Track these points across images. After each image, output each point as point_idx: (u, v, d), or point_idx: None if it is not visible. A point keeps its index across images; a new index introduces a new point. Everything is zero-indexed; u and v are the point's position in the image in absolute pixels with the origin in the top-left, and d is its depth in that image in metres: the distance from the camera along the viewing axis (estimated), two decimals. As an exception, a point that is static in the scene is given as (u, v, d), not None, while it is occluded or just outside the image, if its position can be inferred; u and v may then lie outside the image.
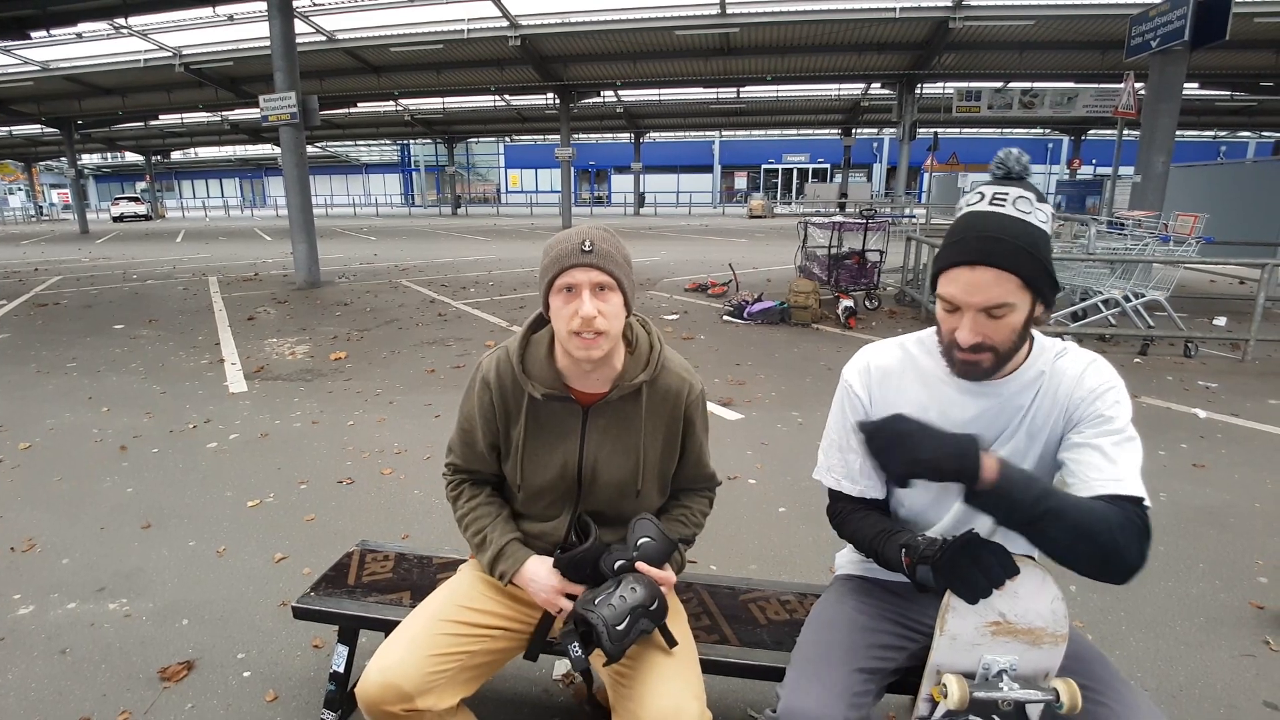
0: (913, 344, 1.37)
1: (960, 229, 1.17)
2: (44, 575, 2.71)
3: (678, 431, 1.46)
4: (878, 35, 18.42)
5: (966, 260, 1.14)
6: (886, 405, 1.32)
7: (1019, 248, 1.12)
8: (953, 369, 1.24)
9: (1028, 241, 1.12)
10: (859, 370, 1.38)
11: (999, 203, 1.15)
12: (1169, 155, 9.32)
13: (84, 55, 21.03)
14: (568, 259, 1.29)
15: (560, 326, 1.32)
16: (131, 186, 50.09)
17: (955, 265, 1.15)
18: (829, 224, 8.76)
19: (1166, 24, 8.78)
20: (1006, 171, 1.18)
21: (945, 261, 1.18)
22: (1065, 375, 1.24)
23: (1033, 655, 1.14)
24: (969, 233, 1.15)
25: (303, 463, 3.82)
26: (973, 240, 1.14)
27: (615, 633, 1.22)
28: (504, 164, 51.04)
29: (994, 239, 1.12)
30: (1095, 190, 20.28)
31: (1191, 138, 36.46)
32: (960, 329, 1.17)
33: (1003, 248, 1.12)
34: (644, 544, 1.33)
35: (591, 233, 1.32)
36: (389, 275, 12.17)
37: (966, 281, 1.14)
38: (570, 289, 1.29)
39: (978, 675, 1.15)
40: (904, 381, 1.34)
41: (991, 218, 1.14)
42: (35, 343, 6.97)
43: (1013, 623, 1.14)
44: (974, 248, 1.13)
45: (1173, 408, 4.68)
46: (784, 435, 4.18)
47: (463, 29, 18.60)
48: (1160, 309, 6.44)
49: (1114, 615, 2.43)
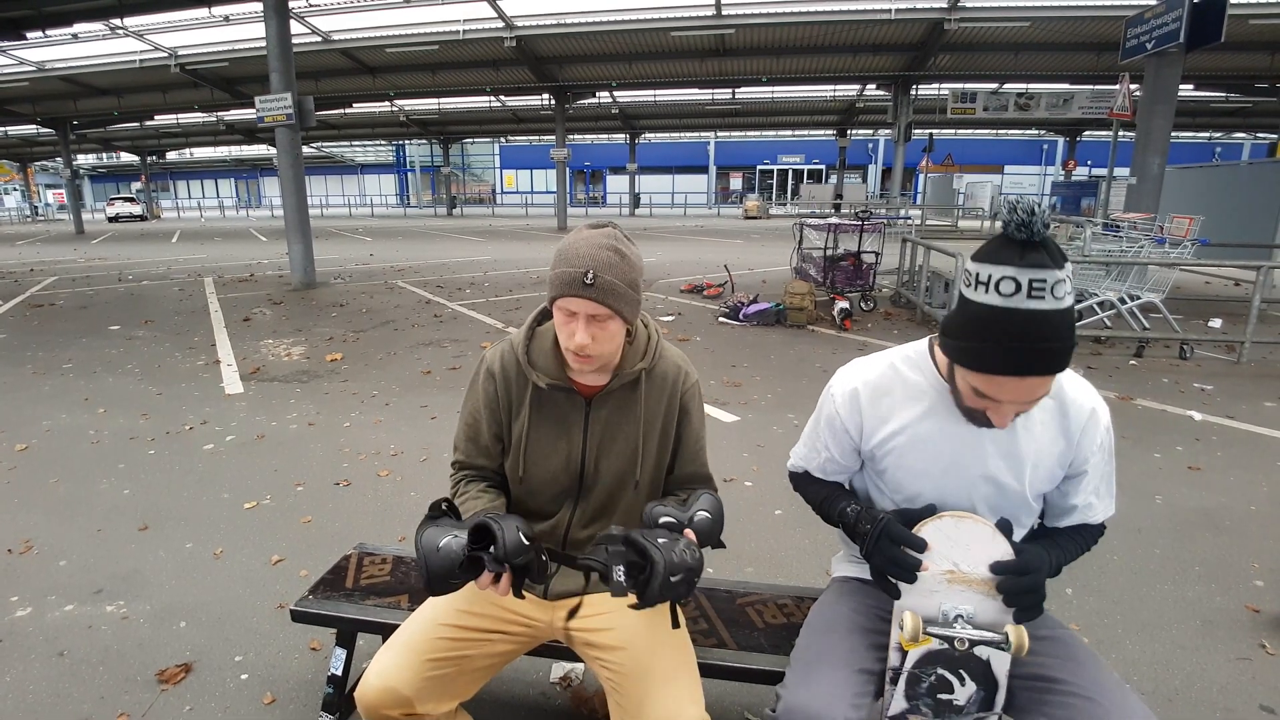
0: (902, 360, 1.35)
1: (1000, 330, 1.04)
2: (41, 577, 2.71)
3: (674, 420, 1.48)
4: (873, 37, 18.46)
5: (1017, 373, 1.05)
6: (877, 420, 1.34)
7: (1069, 349, 1.04)
8: (968, 419, 1.23)
9: (1072, 336, 1.04)
10: (845, 394, 1.37)
11: (1038, 294, 1.01)
12: (1164, 157, 9.36)
13: (80, 55, 20.95)
14: (568, 288, 1.28)
15: (561, 337, 1.35)
16: (127, 187, 49.84)
17: (1001, 373, 1.06)
18: (825, 225, 8.77)
19: (1162, 26, 8.82)
20: (1029, 235, 1.02)
21: (990, 368, 1.07)
22: (1074, 409, 1.26)
23: (989, 606, 1.20)
24: (1016, 342, 1.03)
25: (299, 464, 3.81)
26: (1024, 353, 1.03)
27: (668, 582, 1.14)
28: (499, 164, 50.99)
29: (1046, 349, 1.03)
30: (1091, 192, 20.35)
31: (1187, 139, 36.57)
32: (995, 414, 1.15)
33: (1056, 356, 1.04)
34: (700, 519, 1.28)
35: (599, 258, 1.27)
36: (384, 276, 12.16)
37: (1015, 388, 1.07)
38: (570, 313, 1.31)
39: (938, 620, 1.22)
40: (897, 401, 1.33)
41: (1038, 320, 1.02)
42: (31, 344, 6.95)
43: (966, 573, 1.20)
44: (1028, 362, 1.04)
45: (1168, 410, 4.69)
46: (780, 437, 4.19)
47: (458, 30, 18.60)
48: (1155, 311, 6.47)
49: (1110, 618, 2.44)
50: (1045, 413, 1.26)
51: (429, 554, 1.17)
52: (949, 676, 1.20)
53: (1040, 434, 1.26)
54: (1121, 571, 2.73)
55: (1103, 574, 2.70)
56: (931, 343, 1.32)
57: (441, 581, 1.17)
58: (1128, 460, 3.73)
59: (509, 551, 1.17)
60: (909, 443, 1.31)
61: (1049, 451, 1.27)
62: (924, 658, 1.20)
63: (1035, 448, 1.26)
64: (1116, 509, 1.37)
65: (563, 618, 1.48)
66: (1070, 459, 1.28)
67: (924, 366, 1.31)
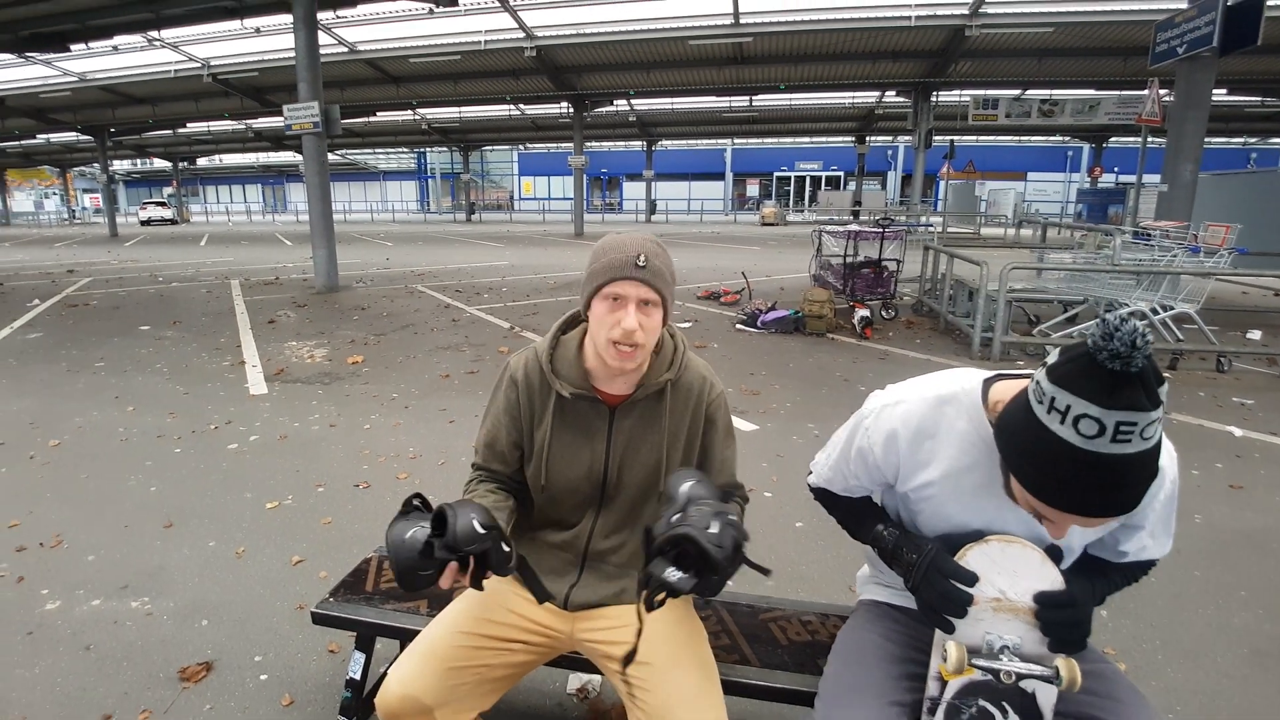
0: (948, 400, 1.21)
1: (1072, 471, 0.89)
2: (70, 571, 2.75)
3: (698, 431, 1.46)
4: (892, 43, 18.35)
5: (1085, 513, 0.92)
6: (916, 467, 1.24)
7: (1146, 487, 0.90)
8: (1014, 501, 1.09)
9: (1155, 468, 0.90)
10: (884, 436, 1.25)
11: (1124, 438, 0.85)
12: (1197, 163, 9.16)
13: (119, 66, 21.52)
14: (621, 270, 1.29)
15: (600, 333, 1.33)
16: (159, 191, 50.85)
17: (1072, 513, 0.94)
18: (844, 232, 8.71)
19: (1194, 30, 8.64)
20: (1125, 365, 0.83)
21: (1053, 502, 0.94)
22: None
23: (1037, 637, 1.14)
24: (1092, 491, 0.89)
25: (320, 465, 3.85)
26: (1101, 501, 0.90)
27: (710, 535, 1.09)
28: (518, 171, 51.33)
29: (1122, 496, 0.89)
30: (1118, 199, 20.07)
31: (1220, 144, 35.86)
32: (1053, 528, 1.02)
33: (1132, 498, 0.90)
34: (689, 489, 1.20)
35: (646, 246, 1.31)
36: (405, 280, 12.26)
37: (1084, 523, 0.95)
38: (617, 299, 1.30)
39: (982, 650, 1.15)
40: (940, 445, 1.21)
41: (1119, 466, 0.87)
42: (66, 342, 7.10)
43: (1013, 601, 1.14)
44: (1097, 505, 0.90)
45: (1205, 425, 4.55)
46: (800, 447, 4.14)
47: (480, 40, 18.80)
48: (1190, 322, 6.31)
49: (1149, 644, 2.34)
50: None
51: (395, 547, 1.15)
52: (991, 709, 1.14)
53: None
54: (1160, 595, 2.61)
55: (1139, 597, 2.58)
56: (986, 386, 1.19)
57: (410, 574, 1.15)
58: (1157, 473, 3.63)
59: (458, 538, 1.13)
60: (949, 494, 1.22)
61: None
62: (965, 688, 1.15)
63: None
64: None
65: (582, 628, 1.47)
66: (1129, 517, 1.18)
67: (974, 415, 1.18)
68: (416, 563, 1.14)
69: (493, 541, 1.17)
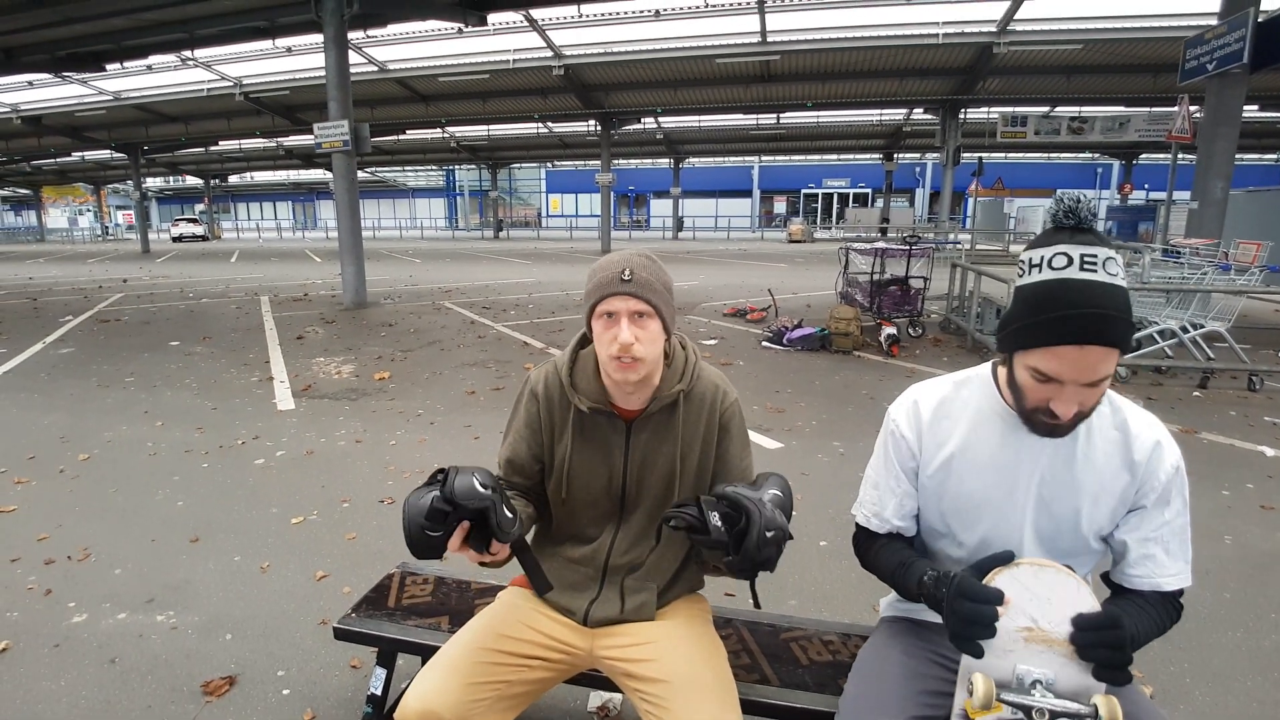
0: (963, 382, 1.31)
1: (1056, 300, 1.07)
2: (97, 585, 2.79)
3: (713, 439, 1.47)
4: (920, 61, 18.33)
5: (1076, 340, 1.05)
6: (936, 443, 1.29)
7: (1127, 323, 1.06)
8: (1032, 429, 1.18)
9: (1129, 313, 1.07)
10: (906, 409, 1.33)
11: (1090, 267, 1.06)
12: (1228, 180, 9.00)
13: (153, 85, 22.21)
14: (609, 287, 1.33)
15: (601, 351, 1.36)
16: (191, 208, 52.18)
17: (1060, 344, 1.06)
18: (871, 250, 8.66)
19: (1224, 46, 8.54)
20: (1077, 221, 1.09)
21: (1049, 338, 1.07)
22: (1139, 441, 1.20)
23: (1071, 671, 1.06)
24: (1073, 309, 1.05)
25: (346, 481, 3.88)
26: (1081, 319, 1.05)
27: (764, 536, 1.12)
28: (545, 189, 51.87)
29: (1102, 315, 1.04)
30: (1148, 216, 19.74)
31: (1252, 161, 35.23)
32: (1058, 402, 1.10)
33: (1114, 326, 1.04)
34: (774, 496, 1.23)
35: (632, 260, 1.35)
36: (432, 297, 12.41)
37: (1076, 361, 1.06)
38: (610, 315, 1.33)
39: (1011, 684, 1.08)
40: (955, 420, 1.29)
41: (1093, 289, 1.05)
42: (97, 357, 7.26)
43: (1046, 630, 1.07)
44: (1085, 327, 1.04)
45: (1236, 445, 4.47)
46: (825, 466, 4.11)
47: (509, 59, 19.10)
48: (1221, 340, 6.18)
49: (1177, 666, 2.31)
50: (1109, 444, 1.21)
51: (408, 509, 1.18)
52: None
53: (1103, 465, 1.20)
54: (1188, 616, 2.54)
55: (1168, 617, 2.55)
56: (995, 366, 1.28)
57: (418, 535, 1.16)
58: (1193, 497, 3.50)
59: (456, 493, 1.14)
60: (966, 467, 1.26)
61: (1111, 488, 1.20)
62: None
63: (1096, 479, 1.20)
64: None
65: (602, 645, 1.46)
66: (1134, 492, 1.21)
67: (986, 389, 1.27)
68: (423, 523, 1.15)
69: (492, 502, 1.18)
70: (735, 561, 1.14)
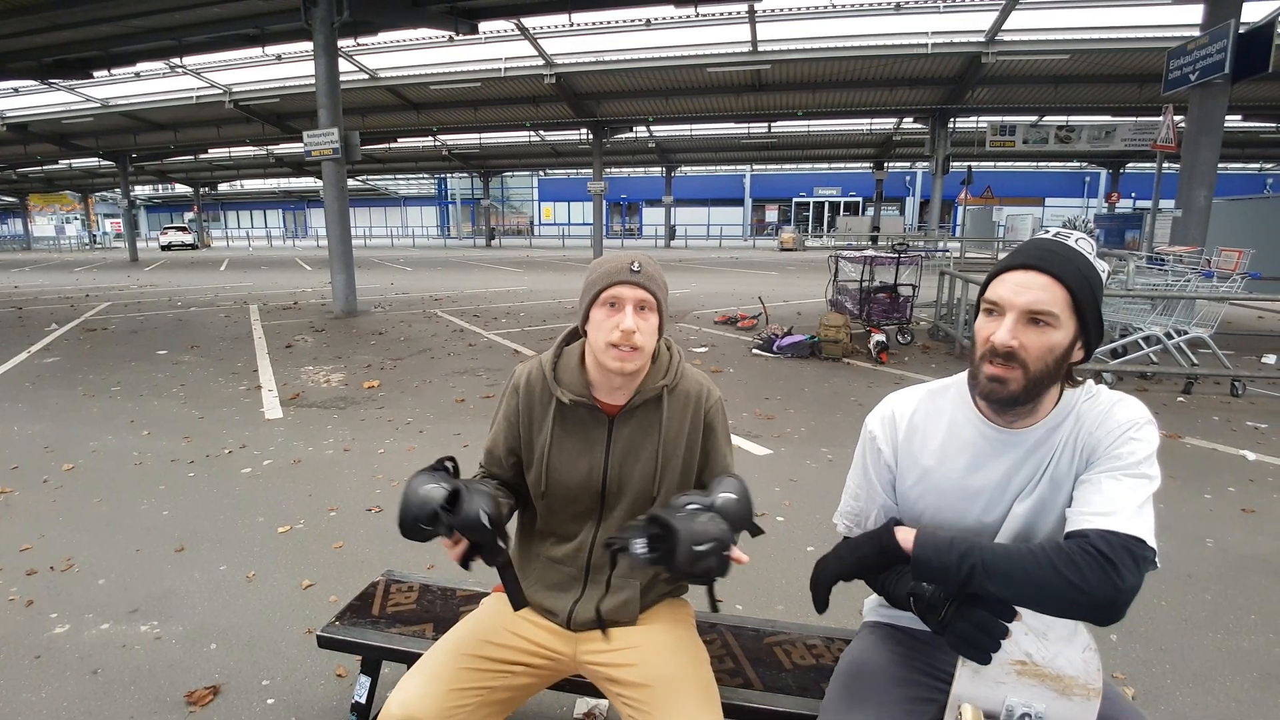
0: (938, 391, 1.33)
1: (1021, 245, 1.20)
2: (80, 595, 2.77)
3: (698, 438, 1.49)
4: (910, 71, 18.50)
5: (1020, 264, 1.14)
6: (911, 456, 1.30)
7: (1076, 268, 1.13)
8: (978, 390, 1.20)
9: (1085, 266, 1.14)
10: (882, 419, 1.35)
11: (1063, 236, 1.18)
12: (1211, 189, 9.12)
13: (141, 93, 22.10)
14: (617, 275, 1.37)
15: (599, 338, 1.38)
16: (180, 217, 51.79)
17: (1008, 269, 1.16)
18: (861, 258, 8.72)
19: (1206, 57, 8.66)
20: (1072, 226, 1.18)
21: (999, 267, 1.19)
22: (1088, 417, 1.19)
23: (1062, 707, 1.07)
24: (1029, 245, 1.18)
25: (333, 490, 3.86)
26: (1030, 248, 1.16)
27: (692, 551, 1.12)
28: (537, 197, 51.92)
29: (1054, 252, 1.14)
30: (1135, 224, 19.91)
31: (1235, 170, 35.69)
32: (999, 331, 1.14)
33: (1059, 260, 1.13)
34: (725, 500, 1.22)
35: (640, 256, 1.41)
36: (423, 305, 12.39)
37: (1017, 282, 1.14)
38: (614, 304, 1.37)
39: (1000, 716, 1.09)
40: (929, 433, 1.30)
41: (1054, 241, 1.17)
42: (83, 366, 7.21)
43: (1039, 665, 1.07)
44: (1031, 253, 1.15)
45: (1219, 449, 4.52)
46: (813, 472, 4.12)
47: (500, 68, 19.15)
48: (1205, 347, 6.26)
49: (1158, 667, 2.33)
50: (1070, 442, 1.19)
51: (408, 497, 1.24)
52: None
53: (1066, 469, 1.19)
54: (1170, 618, 2.60)
55: (1150, 620, 2.58)
56: (972, 374, 1.25)
57: (412, 528, 1.23)
58: (1176, 501, 3.59)
59: (462, 524, 1.21)
60: (943, 481, 1.27)
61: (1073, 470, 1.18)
62: None
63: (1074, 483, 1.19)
64: (1162, 552, 1.10)
65: (585, 650, 1.47)
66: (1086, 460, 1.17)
67: (961, 399, 1.29)
68: (423, 521, 1.23)
69: (490, 537, 1.24)
70: (672, 578, 1.17)
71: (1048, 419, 1.21)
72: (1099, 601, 1.01)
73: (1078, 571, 1.02)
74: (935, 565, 1.10)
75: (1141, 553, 1.04)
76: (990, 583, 1.06)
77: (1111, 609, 1.02)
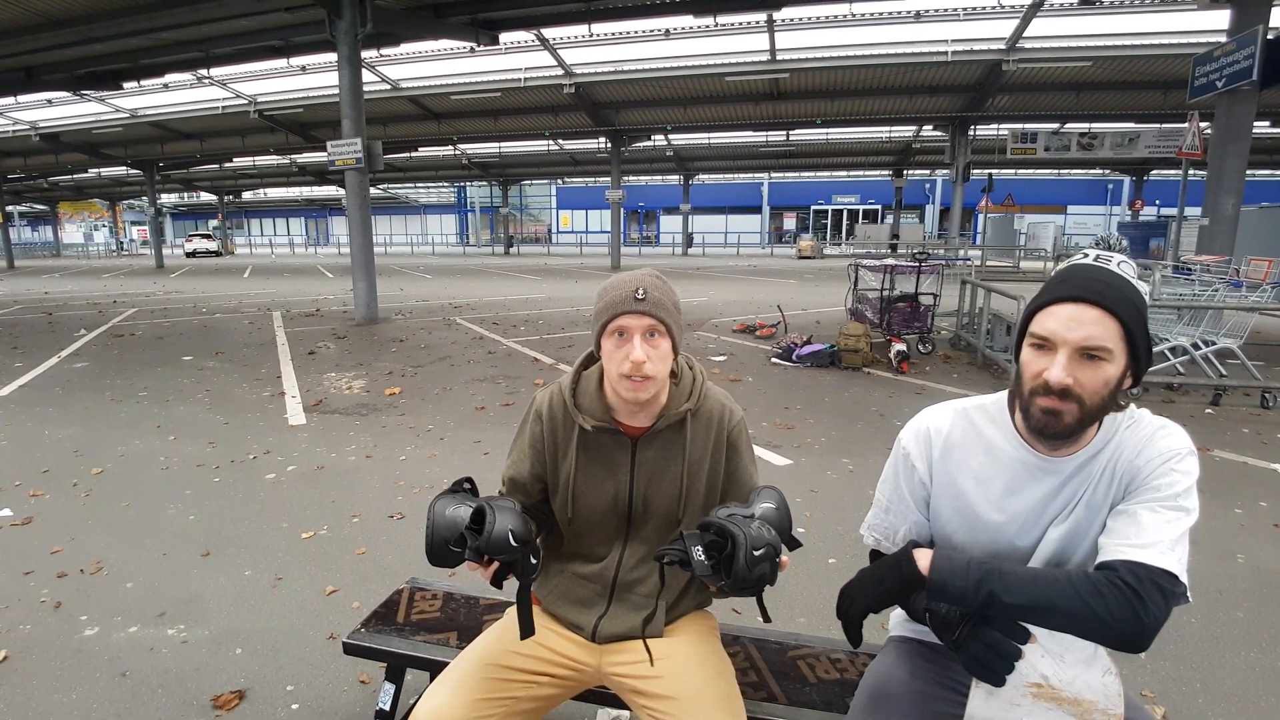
0: (976, 411, 1.29)
1: (1063, 273, 1.14)
2: (109, 598, 2.81)
3: (721, 458, 1.48)
4: (929, 78, 18.42)
5: (1071, 296, 1.09)
6: (947, 474, 1.28)
7: (1125, 296, 1.08)
8: (1029, 422, 1.16)
9: (1132, 293, 1.10)
10: (916, 434, 1.32)
11: (1104, 261, 1.14)
12: (1239, 197, 8.98)
13: (169, 103, 22.58)
14: (621, 305, 1.34)
15: (611, 369, 1.37)
16: (205, 224, 52.76)
17: (1057, 302, 1.10)
18: (880, 266, 8.67)
19: (1233, 64, 8.55)
20: (1107, 246, 1.15)
21: (1045, 298, 1.12)
22: (1129, 444, 1.16)
23: None
24: (1074, 275, 1.12)
25: (356, 496, 3.90)
26: (1079, 279, 1.11)
27: (752, 556, 1.11)
28: (555, 205, 52.25)
29: (1102, 282, 1.09)
30: (1159, 232, 19.67)
31: (1264, 177, 35.06)
32: (1052, 368, 1.09)
33: (1111, 291, 1.08)
34: (765, 510, 1.24)
35: (645, 280, 1.37)
36: (443, 313, 12.48)
37: (1068, 316, 1.08)
38: (622, 334, 1.35)
39: None
40: (966, 453, 1.27)
41: (1098, 269, 1.12)
42: (111, 371, 7.34)
43: (1056, 688, 1.06)
44: (1081, 285, 1.09)
45: (1249, 462, 4.43)
46: (834, 483, 4.09)
47: (520, 78, 19.32)
48: (1233, 357, 6.15)
49: (1188, 686, 2.28)
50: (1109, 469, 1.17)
51: (436, 518, 1.24)
52: None
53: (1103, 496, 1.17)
54: (1201, 636, 2.55)
55: (1180, 638, 2.53)
56: (1011, 395, 1.25)
57: (441, 553, 1.23)
58: (1206, 516, 3.49)
59: (491, 545, 1.19)
60: (980, 502, 1.24)
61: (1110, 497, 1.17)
62: None
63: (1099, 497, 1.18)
64: (1193, 568, 1.10)
65: (610, 662, 1.47)
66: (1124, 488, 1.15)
67: (1000, 420, 1.25)
68: (452, 543, 1.22)
69: (521, 555, 1.22)
70: (729, 585, 1.14)
71: (1090, 446, 1.18)
72: (1123, 634, 1.02)
73: (1102, 602, 1.02)
74: (951, 588, 1.10)
75: (1172, 588, 1.04)
76: (1009, 607, 1.06)
77: (1134, 641, 1.02)
